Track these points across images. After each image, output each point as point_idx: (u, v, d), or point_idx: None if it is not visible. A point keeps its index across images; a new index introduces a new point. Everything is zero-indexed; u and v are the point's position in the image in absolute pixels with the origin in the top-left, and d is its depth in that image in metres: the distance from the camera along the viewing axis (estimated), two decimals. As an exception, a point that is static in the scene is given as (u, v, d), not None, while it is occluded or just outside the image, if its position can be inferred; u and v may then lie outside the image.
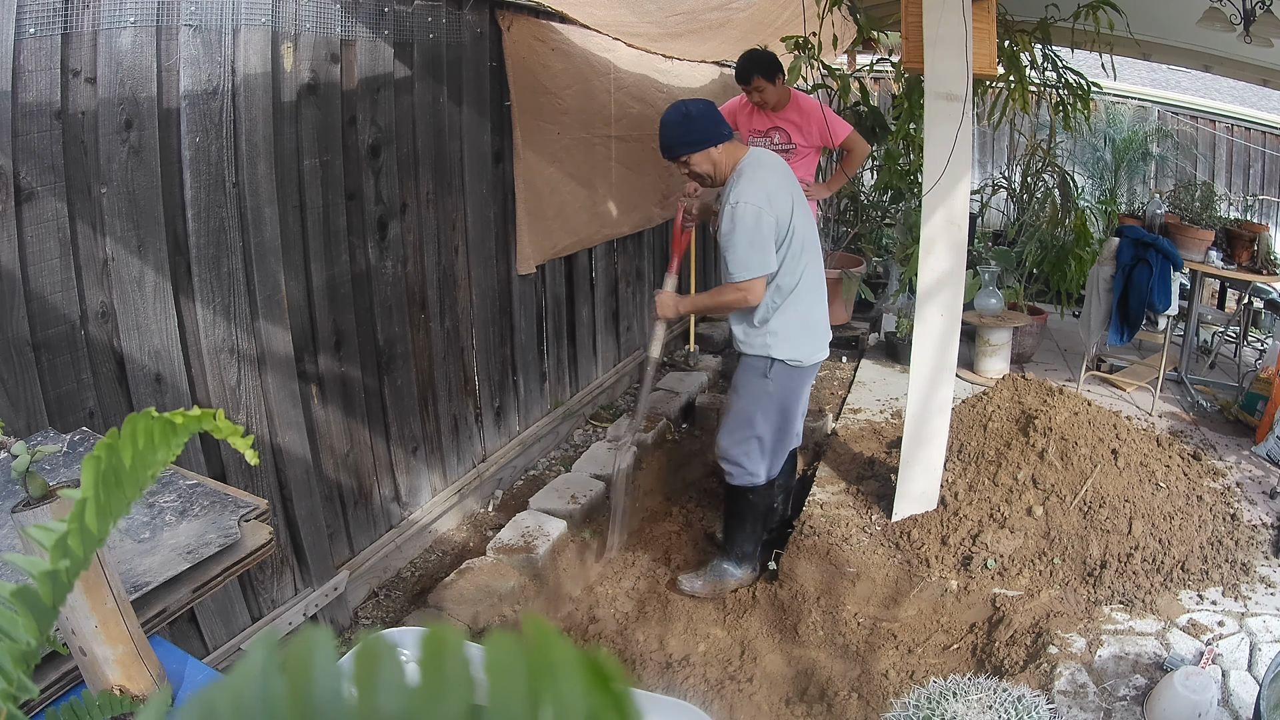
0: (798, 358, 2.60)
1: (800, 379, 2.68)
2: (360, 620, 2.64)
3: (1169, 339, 4.07)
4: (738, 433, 2.72)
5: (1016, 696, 1.78)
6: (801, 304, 2.57)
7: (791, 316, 2.57)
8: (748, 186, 2.39)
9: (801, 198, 2.55)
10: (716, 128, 2.45)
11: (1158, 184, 6.94)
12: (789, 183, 2.53)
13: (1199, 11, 3.21)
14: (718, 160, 2.47)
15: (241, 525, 1.05)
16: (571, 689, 0.21)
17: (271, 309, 2.19)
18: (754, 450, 2.72)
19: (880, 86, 7.17)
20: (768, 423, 2.70)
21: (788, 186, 2.50)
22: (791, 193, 2.50)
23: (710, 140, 2.44)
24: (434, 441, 3.03)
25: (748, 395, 2.68)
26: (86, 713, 0.79)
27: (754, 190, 2.38)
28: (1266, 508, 2.98)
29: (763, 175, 2.43)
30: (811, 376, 2.74)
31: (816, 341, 2.66)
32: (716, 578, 2.89)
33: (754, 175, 2.42)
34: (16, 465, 0.76)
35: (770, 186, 2.41)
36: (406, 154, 2.67)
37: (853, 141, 3.90)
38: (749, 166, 2.45)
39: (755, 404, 2.67)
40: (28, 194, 1.62)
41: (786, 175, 2.54)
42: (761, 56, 3.65)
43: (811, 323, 2.63)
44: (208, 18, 1.89)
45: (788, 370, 2.61)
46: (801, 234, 2.51)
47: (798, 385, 2.69)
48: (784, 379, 2.63)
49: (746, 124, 3.94)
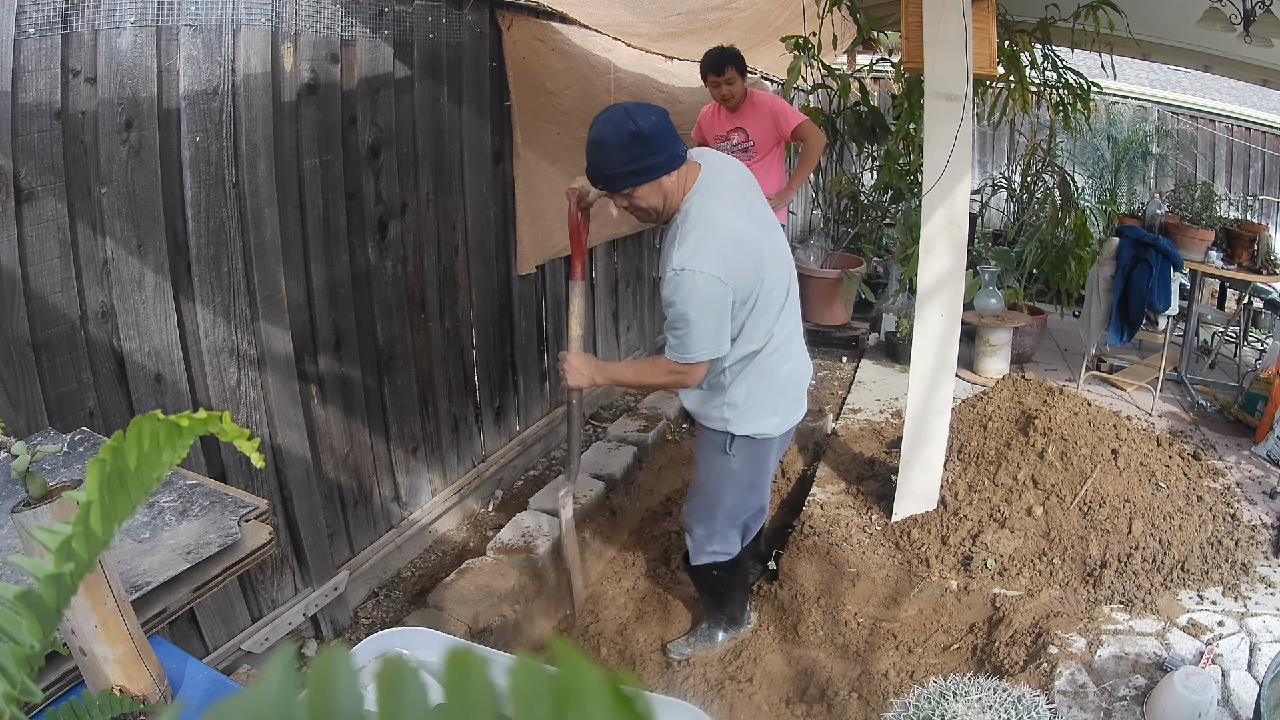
0: (765, 431, 2.13)
1: (768, 450, 2.22)
2: (360, 620, 2.64)
3: (1169, 339, 4.07)
4: (701, 511, 2.35)
5: (1016, 696, 1.78)
6: (767, 365, 2.04)
7: (755, 382, 2.05)
8: (699, 244, 1.80)
9: (769, 217, 2.03)
10: (673, 146, 1.82)
11: (1158, 184, 6.95)
12: (752, 211, 1.96)
13: (1199, 11, 3.21)
14: (670, 190, 1.85)
15: (241, 525, 1.05)
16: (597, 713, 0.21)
17: (271, 309, 2.19)
18: (721, 524, 2.34)
19: (880, 86, 7.17)
20: (735, 495, 2.29)
21: (751, 219, 1.93)
22: (757, 225, 1.94)
23: (665, 166, 1.81)
24: (434, 441, 3.03)
25: (708, 471, 2.26)
26: (86, 713, 0.79)
27: (705, 253, 1.79)
28: (1266, 508, 2.98)
29: (719, 219, 1.84)
30: (785, 442, 2.30)
31: (789, 405, 2.17)
32: (706, 643, 2.64)
33: (708, 222, 1.83)
34: (16, 465, 0.76)
35: (728, 238, 1.83)
36: (406, 154, 2.67)
37: (805, 131, 3.68)
38: (699, 202, 1.86)
39: (718, 480, 2.25)
40: (28, 194, 1.62)
41: (746, 199, 1.97)
42: (734, 50, 3.63)
43: (779, 384, 2.10)
44: (208, 18, 1.89)
45: (754, 444, 2.16)
46: (773, 283, 1.94)
47: (767, 456, 2.24)
48: (749, 452, 2.18)
49: (710, 130, 3.91)
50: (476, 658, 0.22)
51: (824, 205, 5.79)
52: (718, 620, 2.65)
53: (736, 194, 1.93)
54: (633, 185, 1.83)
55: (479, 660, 0.22)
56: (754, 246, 1.88)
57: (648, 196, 1.85)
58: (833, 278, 4.88)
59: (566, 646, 0.22)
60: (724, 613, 2.63)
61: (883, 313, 5.08)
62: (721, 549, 2.40)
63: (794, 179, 3.90)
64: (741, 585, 2.63)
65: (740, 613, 2.68)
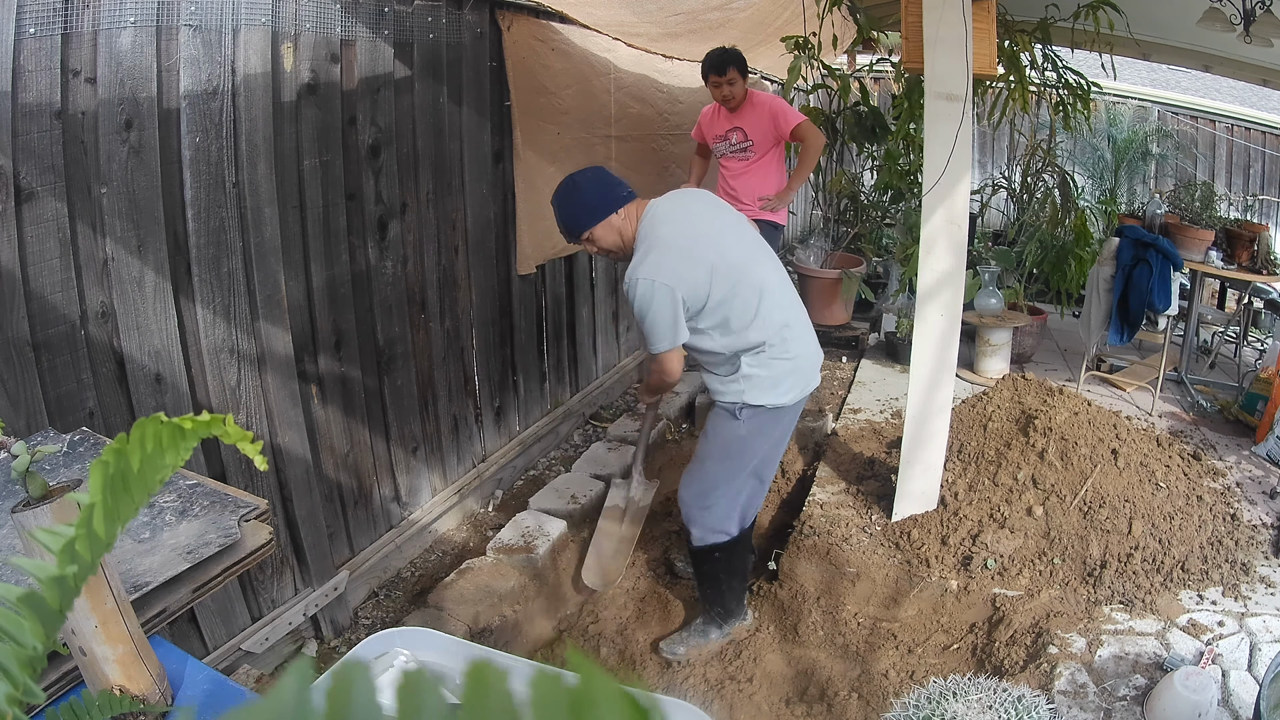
0: (777, 401, 2.27)
1: (778, 420, 2.33)
2: (360, 620, 2.64)
3: (1169, 339, 4.07)
4: (700, 483, 2.42)
5: (1016, 696, 1.78)
6: (777, 350, 2.23)
7: (768, 364, 2.24)
8: (643, 258, 2.11)
9: (731, 223, 2.26)
10: (611, 190, 2.18)
11: (1158, 184, 6.95)
12: (701, 227, 2.20)
13: (1199, 11, 3.21)
14: (621, 227, 2.19)
15: (241, 525, 1.05)
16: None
17: (271, 309, 2.19)
18: (720, 502, 2.41)
19: (880, 86, 7.17)
20: (738, 470, 2.37)
21: (697, 234, 2.17)
22: (708, 236, 2.18)
23: (607, 206, 2.16)
24: (434, 441, 3.03)
25: (715, 440, 2.36)
26: (86, 713, 0.79)
27: (646, 264, 2.09)
28: (1266, 508, 2.98)
29: (662, 236, 2.13)
30: (794, 416, 2.38)
31: (801, 380, 2.31)
32: (700, 640, 2.63)
33: (652, 240, 2.13)
34: (16, 465, 0.76)
35: (668, 250, 2.10)
36: (406, 154, 2.67)
37: (804, 131, 3.70)
38: (648, 229, 2.16)
39: (724, 450, 2.35)
40: (28, 194, 1.62)
41: (693, 222, 2.20)
42: (736, 50, 3.64)
43: (790, 364, 2.27)
44: (208, 18, 1.89)
45: (765, 413, 2.28)
46: (738, 278, 2.16)
47: (775, 427, 2.35)
48: (759, 421, 2.30)
49: (710, 130, 3.92)
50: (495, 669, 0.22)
51: (824, 205, 5.78)
52: (712, 615, 2.65)
53: (684, 216, 2.21)
54: (588, 227, 2.17)
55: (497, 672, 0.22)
56: (700, 254, 2.14)
57: (604, 236, 2.19)
58: (833, 278, 4.88)
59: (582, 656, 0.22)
60: (721, 603, 2.63)
61: (883, 313, 5.07)
62: (720, 529, 2.45)
63: (793, 179, 3.90)
64: (740, 572, 2.65)
65: (737, 605, 2.67)
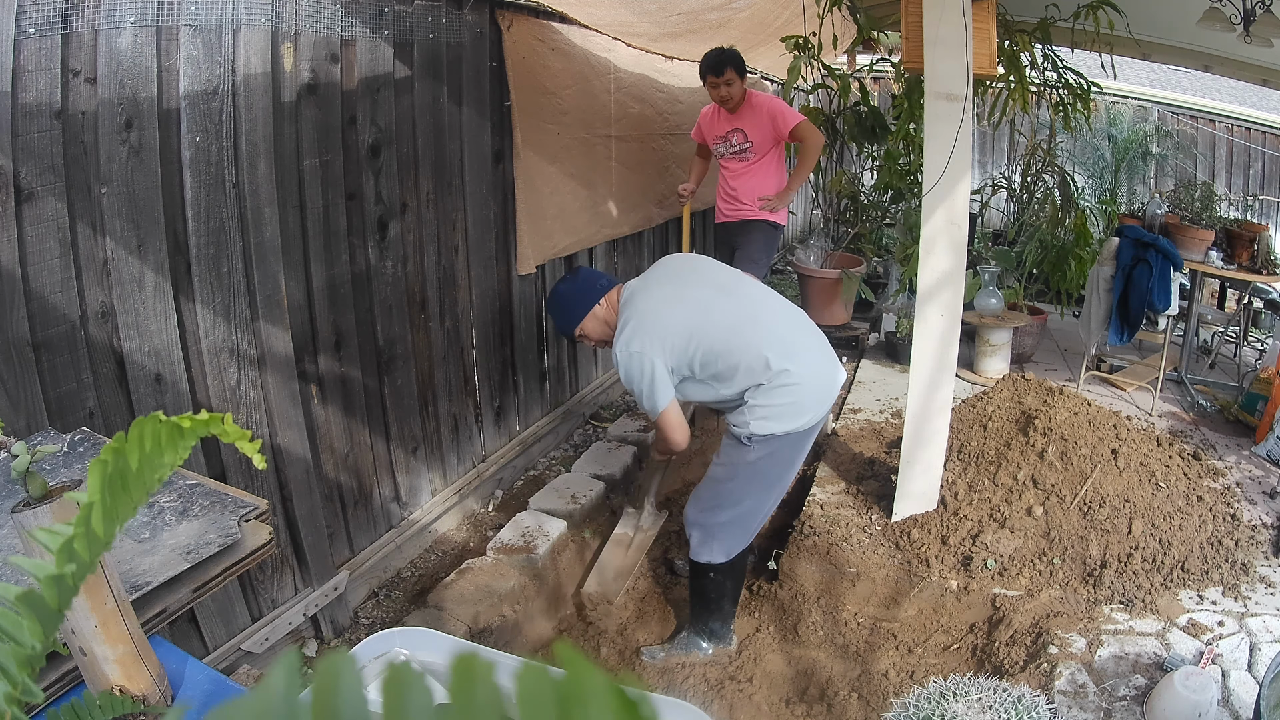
0: (788, 428, 2.29)
1: (789, 444, 2.34)
2: (360, 620, 2.64)
3: (1169, 339, 4.07)
4: (705, 501, 2.45)
5: (1016, 696, 1.78)
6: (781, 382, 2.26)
7: (775, 397, 2.26)
8: (621, 332, 2.26)
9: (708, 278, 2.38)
10: (588, 286, 2.38)
11: (1158, 184, 6.96)
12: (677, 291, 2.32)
13: (1199, 11, 3.21)
14: (605, 316, 2.38)
15: (241, 525, 1.05)
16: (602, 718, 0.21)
17: (271, 309, 2.19)
18: (721, 524, 2.42)
19: (880, 86, 7.18)
20: (745, 494, 2.38)
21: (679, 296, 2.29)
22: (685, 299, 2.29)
23: (588, 302, 2.36)
24: (434, 441, 3.03)
25: (725, 464, 2.40)
26: (87, 713, 0.79)
27: (624, 337, 2.23)
28: (1266, 508, 2.98)
29: (637, 308, 2.27)
30: (808, 439, 2.40)
31: (810, 408, 2.33)
32: (683, 652, 2.59)
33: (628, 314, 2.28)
34: (16, 465, 0.76)
35: (644, 321, 2.24)
36: (406, 154, 2.67)
37: (803, 131, 3.70)
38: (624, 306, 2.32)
39: (731, 473, 2.38)
40: (28, 194, 1.62)
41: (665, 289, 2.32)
42: (733, 51, 3.64)
43: (798, 395, 2.29)
44: (208, 18, 1.89)
45: (774, 440, 2.30)
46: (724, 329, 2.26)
47: (786, 450, 2.36)
48: (769, 446, 2.31)
49: (710, 131, 3.92)
50: (482, 661, 0.22)
51: (824, 205, 5.78)
52: (700, 629, 2.60)
53: (657, 285, 2.35)
54: (577, 324, 2.38)
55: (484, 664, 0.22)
56: (676, 318, 2.26)
57: (593, 329, 2.39)
58: (833, 278, 4.88)
59: (571, 650, 0.22)
60: (707, 621, 2.58)
61: (883, 313, 5.07)
62: (719, 548, 2.43)
63: (793, 179, 3.90)
64: (732, 597, 2.60)
65: (722, 627, 2.61)
